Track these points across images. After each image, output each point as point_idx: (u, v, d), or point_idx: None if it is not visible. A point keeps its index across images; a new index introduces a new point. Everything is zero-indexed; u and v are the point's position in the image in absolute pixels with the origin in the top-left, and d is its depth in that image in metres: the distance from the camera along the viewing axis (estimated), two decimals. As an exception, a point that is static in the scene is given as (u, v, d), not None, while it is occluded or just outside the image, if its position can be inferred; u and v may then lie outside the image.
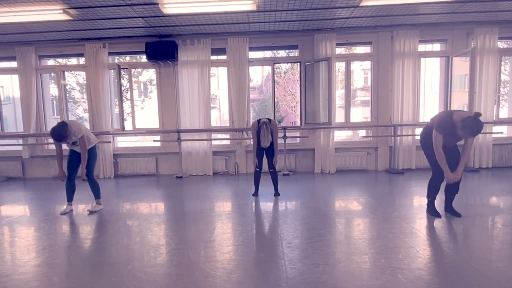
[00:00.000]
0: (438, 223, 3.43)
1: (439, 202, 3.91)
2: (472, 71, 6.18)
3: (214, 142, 7.32)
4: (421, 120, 7.07)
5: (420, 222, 3.48)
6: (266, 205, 4.37)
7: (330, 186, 5.59)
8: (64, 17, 5.49)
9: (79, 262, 2.65)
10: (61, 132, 3.85)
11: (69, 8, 5.27)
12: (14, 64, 7.27)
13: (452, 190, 3.65)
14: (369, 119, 7.28)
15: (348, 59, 6.99)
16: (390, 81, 6.82)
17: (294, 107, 20.70)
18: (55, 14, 5.37)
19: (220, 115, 26.12)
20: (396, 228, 3.27)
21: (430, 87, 22.30)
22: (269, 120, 4.64)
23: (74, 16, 5.58)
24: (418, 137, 6.89)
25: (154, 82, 18.55)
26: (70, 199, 4.32)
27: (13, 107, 19.90)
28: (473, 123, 3.08)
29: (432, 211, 3.70)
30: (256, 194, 4.90)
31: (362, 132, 7.98)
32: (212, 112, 7.18)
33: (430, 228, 3.29)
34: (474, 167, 6.70)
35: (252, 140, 4.84)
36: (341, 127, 7.23)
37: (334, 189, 5.30)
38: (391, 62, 6.78)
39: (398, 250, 2.71)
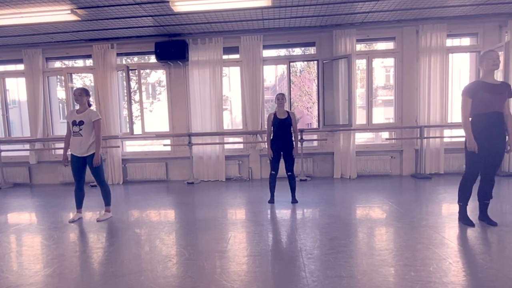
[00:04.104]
0: (471, 232, 3.35)
1: (473, 210, 3.83)
2: (507, 67, 6.04)
3: (226, 146, 7.37)
4: (449, 120, 6.94)
5: (451, 231, 3.41)
6: (283, 213, 4.36)
7: (351, 192, 5.54)
8: (72, 17, 5.66)
9: (91, 273, 2.70)
10: (86, 89, 4.24)
11: (77, 8, 5.42)
12: (20, 67, 7.52)
13: (485, 195, 3.58)
14: (392, 120, 7.19)
15: (370, 56, 6.95)
16: (416, 79, 6.74)
17: (310, 108, 20.60)
18: (62, 14, 5.55)
19: (231, 118, 26.26)
20: (425, 238, 3.21)
21: (458, 85, 21.88)
22: (287, 111, 4.76)
23: (82, 17, 5.73)
24: (446, 139, 6.84)
25: (163, 83, 18.89)
26: (79, 206, 4.42)
27: (18, 111, 20.51)
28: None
29: (464, 219, 3.62)
30: (272, 201, 4.90)
31: (385, 134, 7.88)
32: (224, 114, 7.23)
33: (463, 238, 3.21)
34: (510, 171, 6.53)
35: (266, 133, 4.91)
36: (362, 129, 7.17)
37: (355, 196, 5.25)
38: (416, 59, 6.71)
39: (428, 262, 2.66)
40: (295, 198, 4.88)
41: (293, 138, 4.77)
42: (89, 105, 4.30)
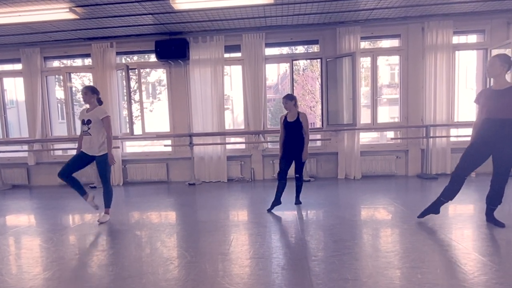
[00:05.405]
0: (478, 234, 3.34)
1: (480, 211, 3.82)
2: (514, 65, 6.02)
3: (228, 147, 7.38)
4: (456, 119, 6.92)
5: (458, 232, 3.40)
6: (286, 215, 4.35)
7: (355, 193, 5.54)
8: (71, 15, 5.67)
9: (91, 276, 2.71)
10: (93, 87, 4.29)
11: (75, 6, 5.44)
12: (18, 66, 7.54)
13: (492, 201, 3.58)
14: (397, 119, 7.18)
15: (374, 54, 6.94)
16: (421, 77, 6.72)
17: (314, 107, 20.61)
18: (61, 13, 5.56)
19: (233, 117, 26.26)
20: (432, 240, 3.21)
21: (464, 83, 21.81)
22: (298, 113, 4.60)
23: (81, 15, 5.75)
24: (453, 139, 6.83)
25: (163, 82, 18.93)
26: (83, 191, 4.32)
27: (16, 111, 20.57)
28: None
29: (424, 212, 3.79)
30: (273, 205, 4.65)
31: (390, 134, 7.87)
32: (225, 114, 7.24)
33: (470, 240, 3.20)
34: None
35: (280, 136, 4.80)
36: (367, 128, 7.16)
37: (360, 197, 5.24)
38: (422, 56, 6.69)
39: (435, 264, 2.66)
40: (299, 200, 4.86)
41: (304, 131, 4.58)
42: (100, 103, 4.31)
